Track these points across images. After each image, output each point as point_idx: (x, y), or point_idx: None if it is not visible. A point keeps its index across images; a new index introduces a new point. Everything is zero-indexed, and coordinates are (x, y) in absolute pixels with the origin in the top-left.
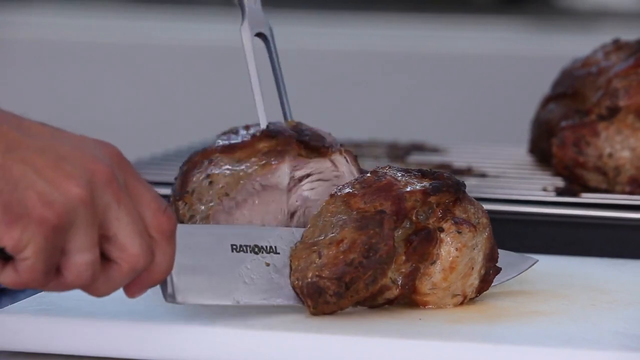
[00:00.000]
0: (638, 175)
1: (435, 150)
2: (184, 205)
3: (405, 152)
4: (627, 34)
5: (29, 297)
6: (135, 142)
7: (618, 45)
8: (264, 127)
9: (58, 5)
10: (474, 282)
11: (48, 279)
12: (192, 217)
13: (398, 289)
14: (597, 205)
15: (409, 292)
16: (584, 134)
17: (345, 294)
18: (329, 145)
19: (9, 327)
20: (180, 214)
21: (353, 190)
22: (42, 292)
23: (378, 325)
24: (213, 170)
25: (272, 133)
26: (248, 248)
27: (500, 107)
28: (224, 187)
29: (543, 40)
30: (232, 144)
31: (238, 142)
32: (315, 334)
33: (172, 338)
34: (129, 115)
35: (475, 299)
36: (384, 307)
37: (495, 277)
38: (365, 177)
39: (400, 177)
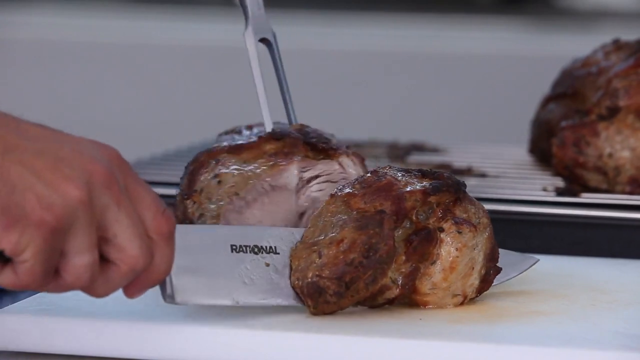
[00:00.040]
0: (638, 175)
1: (435, 150)
2: (193, 204)
3: (405, 152)
4: (627, 34)
5: (29, 297)
6: (135, 142)
7: (618, 45)
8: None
9: (58, 5)
10: (475, 282)
11: (47, 281)
12: (201, 215)
13: (398, 289)
14: (597, 205)
15: (409, 292)
16: (584, 134)
17: (346, 294)
18: (336, 148)
19: (9, 327)
20: (189, 213)
21: (353, 190)
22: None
23: (378, 325)
24: (221, 170)
25: (278, 135)
26: (248, 248)
27: (500, 107)
28: (234, 186)
29: (543, 40)
30: (238, 145)
31: (244, 142)
32: (315, 334)
33: (172, 338)
34: (129, 115)
35: (476, 299)
36: (384, 307)
37: (496, 277)
38: (365, 177)
39: (401, 177)
